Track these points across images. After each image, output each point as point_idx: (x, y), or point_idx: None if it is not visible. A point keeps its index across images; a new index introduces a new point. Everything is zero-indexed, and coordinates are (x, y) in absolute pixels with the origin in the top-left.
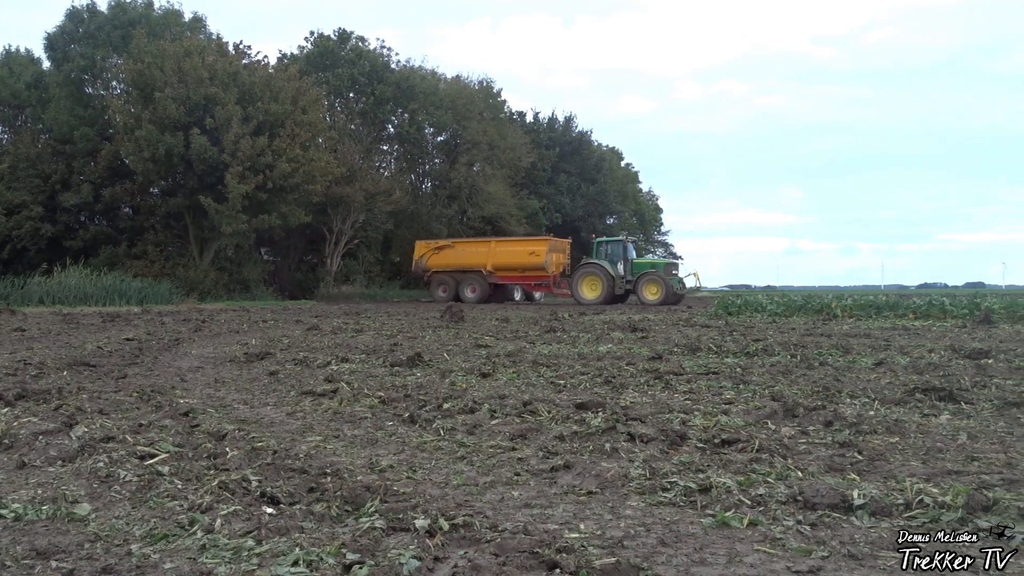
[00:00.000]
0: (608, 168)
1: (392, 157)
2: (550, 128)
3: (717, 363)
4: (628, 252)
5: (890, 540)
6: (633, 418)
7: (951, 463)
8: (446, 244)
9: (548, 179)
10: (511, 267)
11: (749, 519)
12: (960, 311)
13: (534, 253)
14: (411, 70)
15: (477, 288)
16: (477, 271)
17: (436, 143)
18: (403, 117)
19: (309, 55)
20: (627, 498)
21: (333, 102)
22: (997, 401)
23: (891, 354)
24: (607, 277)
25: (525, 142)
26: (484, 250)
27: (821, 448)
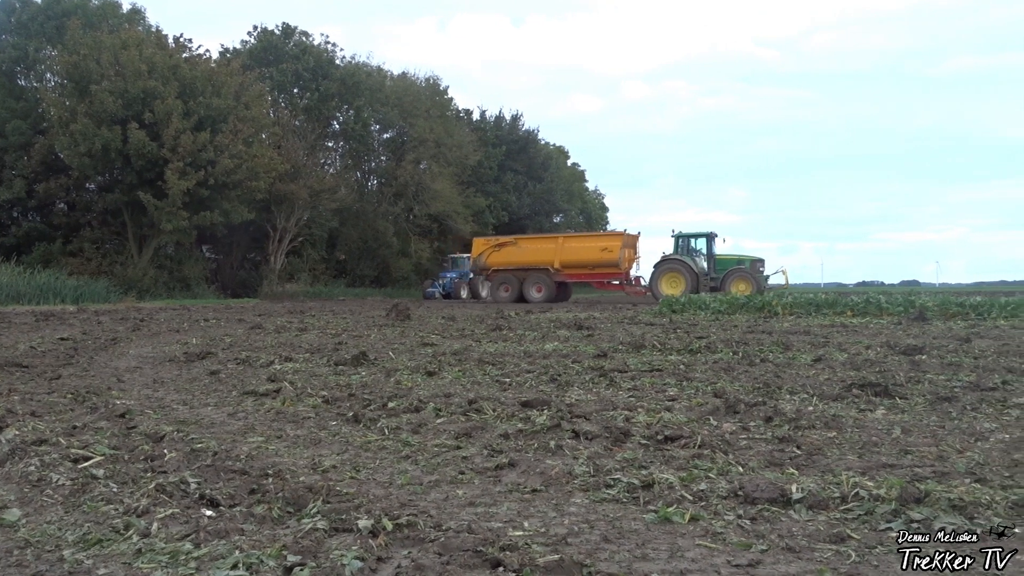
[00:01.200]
0: (555, 167)
1: (337, 154)
2: (497, 126)
3: (661, 360)
4: (712, 247)
5: (827, 532)
6: (578, 416)
7: (886, 457)
8: (508, 241)
9: (495, 177)
10: (581, 264)
11: (691, 514)
12: (896, 309)
13: (607, 249)
14: (357, 66)
15: (543, 287)
16: (543, 269)
17: (382, 140)
18: (348, 114)
19: (252, 50)
20: (571, 495)
21: (277, 98)
22: (930, 396)
23: (829, 351)
24: (690, 273)
25: (472, 140)
26: (551, 247)
27: (761, 443)
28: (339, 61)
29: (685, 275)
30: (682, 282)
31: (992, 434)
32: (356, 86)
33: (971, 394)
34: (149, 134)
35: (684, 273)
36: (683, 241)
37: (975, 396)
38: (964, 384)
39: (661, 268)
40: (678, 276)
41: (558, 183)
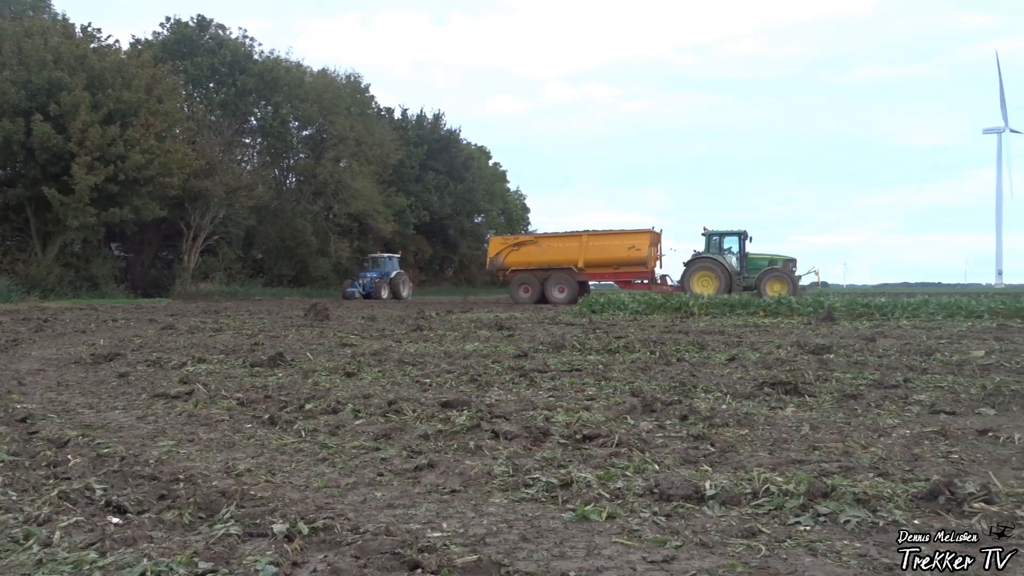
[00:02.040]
0: (477, 167)
1: (255, 151)
2: (419, 125)
3: (580, 360)
4: (744, 246)
5: (739, 527)
6: (498, 416)
7: (795, 453)
8: (528, 239)
9: (416, 176)
10: (606, 263)
11: (608, 512)
12: (806, 309)
13: (634, 247)
14: (275, 61)
15: (566, 288)
16: (567, 269)
17: (301, 137)
18: (266, 110)
19: (165, 42)
20: (490, 495)
21: (191, 92)
22: (837, 393)
23: (743, 350)
24: (724, 273)
25: (393, 138)
26: (575, 245)
27: (677, 441)
28: (257, 56)
29: (718, 274)
30: (715, 281)
31: (894, 430)
32: (275, 81)
33: (875, 391)
34: (55, 127)
35: (717, 272)
36: (715, 239)
37: (879, 393)
38: (869, 382)
39: (693, 267)
40: (710, 275)
41: (480, 183)
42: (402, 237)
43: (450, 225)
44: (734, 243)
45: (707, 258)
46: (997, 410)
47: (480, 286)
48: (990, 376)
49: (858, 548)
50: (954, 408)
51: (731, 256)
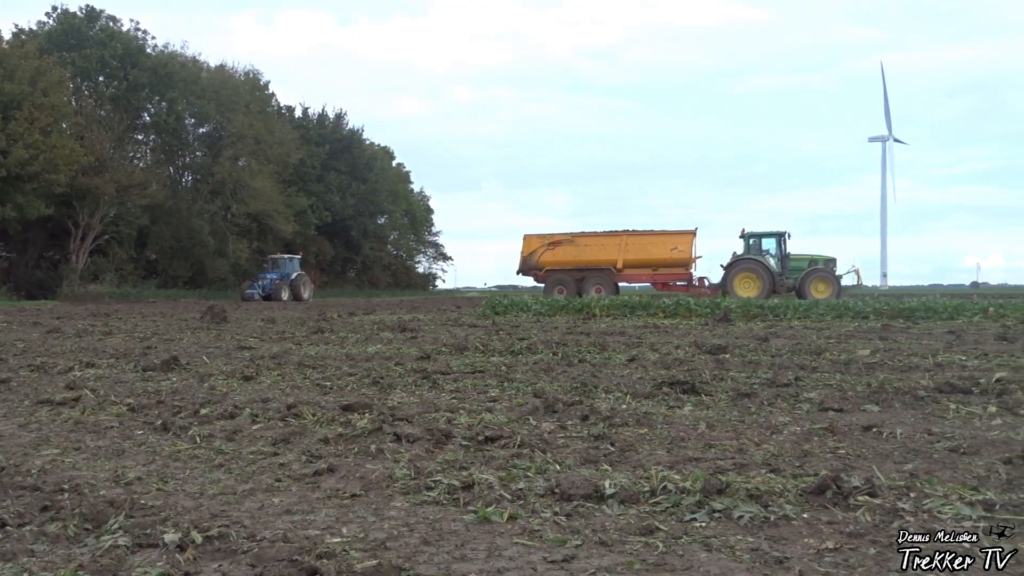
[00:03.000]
0: (380, 167)
1: (148, 148)
2: (320, 124)
3: (483, 362)
4: (785, 247)
5: (637, 525)
6: (400, 418)
7: (692, 451)
8: (564, 238)
9: (318, 176)
10: (646, 264)
11: (509, 513)
12: (703, 310)
13: (677, 248)
14: (170, 56)
15: (604, 288)
16: (605, 269)
17: (198, 135)
18: (161, 105)
19: (51, 32)
20: (391, 499)
21: (80, 85)
22: (732, 392)
23: (643, 351)
24: (767, 274)
25: (294, 137)
26: (614, 244)
27: (578, 441)
28: (151, 49)
29: (762, 276)
30: (758, 283)
31: (786, 427)
32: (169, 76)
33: (768, 390)
34: None
35: (760, 273)
36: (754, 241)
37: (771, 392)
38: (762, 381)
39: (735, 268)
40: (753, 277)
41: (383, 184)
42: (303, 238)
43: (353, 226)
44: (774, 244)
45: (749, 259)
46: (881, 407)
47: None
48: (875, 374)
49: (750, 543)
50: (841, 405)
51: (770, 257)
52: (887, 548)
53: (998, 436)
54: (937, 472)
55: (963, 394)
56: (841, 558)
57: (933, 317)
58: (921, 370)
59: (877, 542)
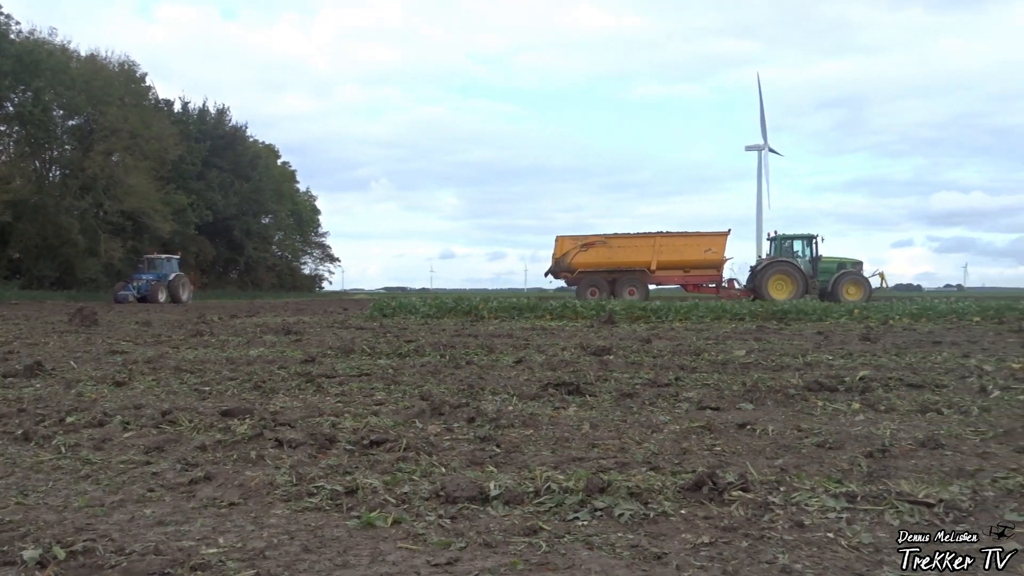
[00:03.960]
0: (264, 165)
1: (12, 140)
2: (201, 120)
3: (370, 365)
4: (817, 249)
5: (521, 526)
6: (282, 423)
7: (576, 451)
8: (597, 240)
9: (198, 174)
10: (679, 265)
11: (394, 517)
12: (589, 312)
13: (711, 250)
14: (36, 43)
15: (637, 290)
16: (639, 270)
17: (67, 127)
18: (25, 95)
19: None
20: (272, 506)
21: None
22: (615, 393)
23: (529, 352)
24: (800, 276)
25: (173, 133)
26: (647, 246)
27: (464, 443)
28: (14, 35)
29: (795, 278)
30: (791, 285)
31: (666, 426)
32: (35, 65)
33: (649, 390)
34: None
35: (794, 276)
36: (786, 243)
37: (653, 392)
38: (644, 381)
39: (769, 271)
40: (786, 279)
41: (267, 182)
42: (182, 237)
43: (235, 226)
44: (805, 247)
45: (783, 262)
46: (754, 405)
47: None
48: (749, 374)
49: (631, 539)
50: (718, 404)
51: (800, 260)
52: (759, 541)
53: (860, 431)
54: (805, 466)
55: (830, 392)
56: (716, 551)
57: (804, 318)
58: (792, 369)
59: (749, 535)
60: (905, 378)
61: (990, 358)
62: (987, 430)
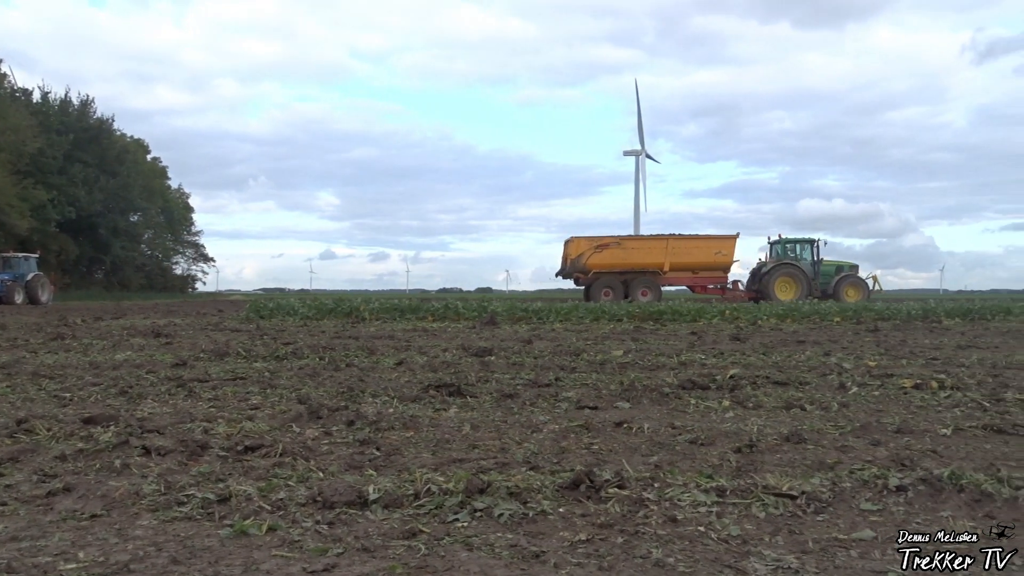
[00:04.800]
0: (133, 160)
1: None
2: (63, 111)
3: (246, 368)
4: (818, 253)
5: (400, 529)
6: (150, 430)
7: (456, 452)
8: (612, 241)
9: (60, 168)
10: (690, 267)
11: (268, 525)
12: (471, 313)
13: (721, 252)
14: None
15: (650, 291)
16: (652, 272)
17: None
18: None
19: None
20: (138, 517)
21: None
22: (496, 394)
23: (411, 354)
24: (805, 278)
25: (31, 124)
26: (660, 248)
27: (343, 447)
28: None
29: (800, 280)
30: (796, 287)
31: (546, 425)
32: None
33: (530, 390)
34: None
35: (799, 278)
36: (789, 246)
37: (533, 392)
38: (525, 382)
39: (776, 273)
40: (791, 281)
41: (136, 178)
42: (42, 235)
43: (101, 223)
44: (807, 250)
45: (789, 264)
46: (631, 404)
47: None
48: (627, 373)
49: (510, 539)
50: (596, 403)
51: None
52: (634, 536)
53: (730, 428)
54: (678, 463)
55: (702, 390)
56: (593, 548)
57: (679, 319)
58: (667, 369)
59: (625, 531)
60: (772, 376)
61: (849, 356)
62: (845, 424)
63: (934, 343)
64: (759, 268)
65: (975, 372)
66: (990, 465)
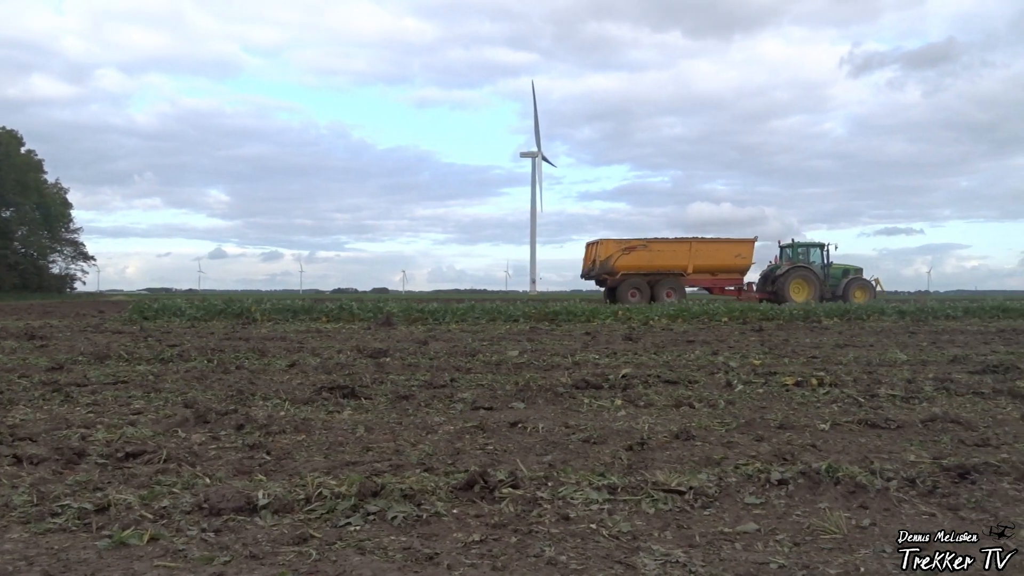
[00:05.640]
0: (5, 153)
1: None
2: None
3: (128, 371)
4: (828, 256)
5: (291, 535)
6: (22, 437)
7: (349, 455)
8: (639, 244)
9: None
10: (711, 269)
11: (151, 534)
12: (366, 314)
13: (740, 255)
14: None
15: (675, 292)
16: (677, 273)
17: None
18: None
19: None
20: (7, 530)
21: None
22: (391, 395)
23: (304, 356)
24: (817, 280)
25: None
26: (684, 250)
27: (231, 452)
28: None
29: (813, 282)
30: (809, 288)
31: (441, 427)
32: None
33: (425, 392)
34: None
35: (812, 280)
36: (801, 250)
37: (429, 393)
38: (420, 383)
39: (791, 275)
40: (804, 283)
41: (8, 172)
42: None
43: None
44: (817, 254)
45: (803, 267)
46: (526, 404)
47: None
48: (522, 374)
49: (403, 542)
50: (492, 404)
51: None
52: (527, 535)
53: (622, 426)
54: (571, 461)
55: (595, 389)
56: (486, 549)
57: (573, 320)
58: (561, 368)
59: (519, 530)
60: (662, 375)
61: (735, 355)
62: (731, 421)
63: (814, 342)
64: (771, 271)
65: (851, 369)
66: (864, 458)
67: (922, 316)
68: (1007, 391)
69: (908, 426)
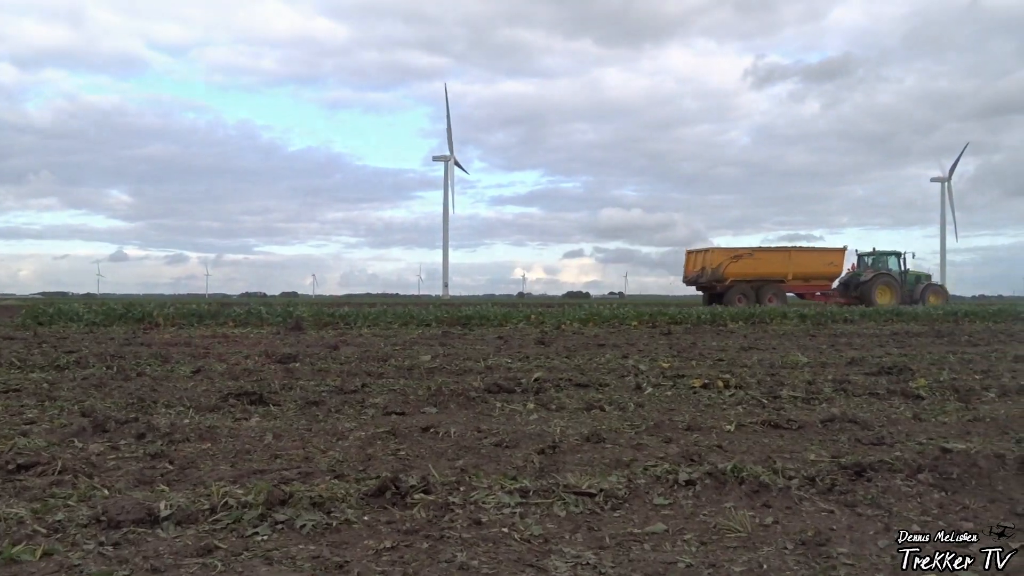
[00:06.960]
0: None
1: None
2: None
3: (20, 379)
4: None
5: (195, 546)
6: None
7: (257, 463)
8: (746, 252)
9: None
10: (806, 276)
11: (44, 549)
12: (275, 319)
13: (832, 263)
14: None
15: (776, 297)
16: (779, 280)
17: None
18: None
19: None
20: None
21: None
22: (301, 401)
23: (209, 361)
24: (898, 286)
25: None
26: (784, 259)
27: (132, 462)
28: None
29: (895, 288)
30: (891, 293)
31: (352, 432)
32: None
33: (336, 397)
34: None
35: (895, 286)
36: (881, 259)
37: (339, 399)
38: (331, 388)
39: (876, 281)
40: (888, 289)
41: None
42: None
43: None
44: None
45: (886, 274)
46: (438, 408)
47: None
48: (434, 378)
49: (312, 551)
50: (404, 409)
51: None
52: (439, 541)
53: (534, 430)
54: (484, 466)
55: (508, 393)
56: (397, 555)
57: (486, 324)
58: (474, 373)
59: (430, 536)
60: (574, 378)
61: (645, 358)
62: (641, 423)
63: (720, 345)
64: (853, 277)
65: (755, 372)
66: (767, 458)
67: (822, 320)
68: (900, 391)
69: (808, 426)
